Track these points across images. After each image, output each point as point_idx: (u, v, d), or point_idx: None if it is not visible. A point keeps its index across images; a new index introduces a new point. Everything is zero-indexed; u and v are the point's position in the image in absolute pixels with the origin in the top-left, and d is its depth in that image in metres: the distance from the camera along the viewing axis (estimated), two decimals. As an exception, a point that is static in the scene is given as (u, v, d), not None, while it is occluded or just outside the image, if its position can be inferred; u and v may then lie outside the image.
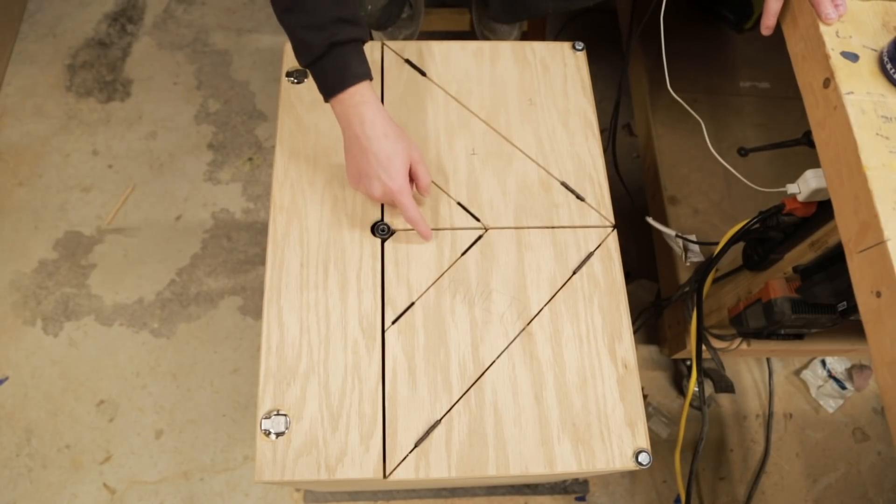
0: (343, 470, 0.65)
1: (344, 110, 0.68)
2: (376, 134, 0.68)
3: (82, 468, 1.15)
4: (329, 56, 0.66)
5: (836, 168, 0.62)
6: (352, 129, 0.69)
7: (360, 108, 0.68)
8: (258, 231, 1.36)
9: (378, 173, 0.69)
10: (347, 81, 0.66)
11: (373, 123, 0.68)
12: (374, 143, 0.68)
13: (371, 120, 0.68)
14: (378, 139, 0.68)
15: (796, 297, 0.83)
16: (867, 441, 1.23)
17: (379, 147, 0.68)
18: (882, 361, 0.55)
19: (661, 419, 1.22)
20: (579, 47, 0.91)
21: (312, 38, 0.65)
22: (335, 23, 0.65)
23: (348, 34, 0.66)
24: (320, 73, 0.67)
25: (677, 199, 1.17)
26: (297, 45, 0.67)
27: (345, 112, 0.69)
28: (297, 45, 0.67)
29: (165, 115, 1.48)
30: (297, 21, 0.66)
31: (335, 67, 0.66)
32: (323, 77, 0.68)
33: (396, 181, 0.70)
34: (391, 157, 0.69)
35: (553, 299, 0.74)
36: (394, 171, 0.69)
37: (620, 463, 0.67)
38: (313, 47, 0.65)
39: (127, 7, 1.62)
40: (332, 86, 0.67)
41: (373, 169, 0.69)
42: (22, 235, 1.33)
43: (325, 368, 0.69)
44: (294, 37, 0.67)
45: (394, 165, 0.69)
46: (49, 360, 1.23)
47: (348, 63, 0.66)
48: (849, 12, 0.66)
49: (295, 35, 0.67)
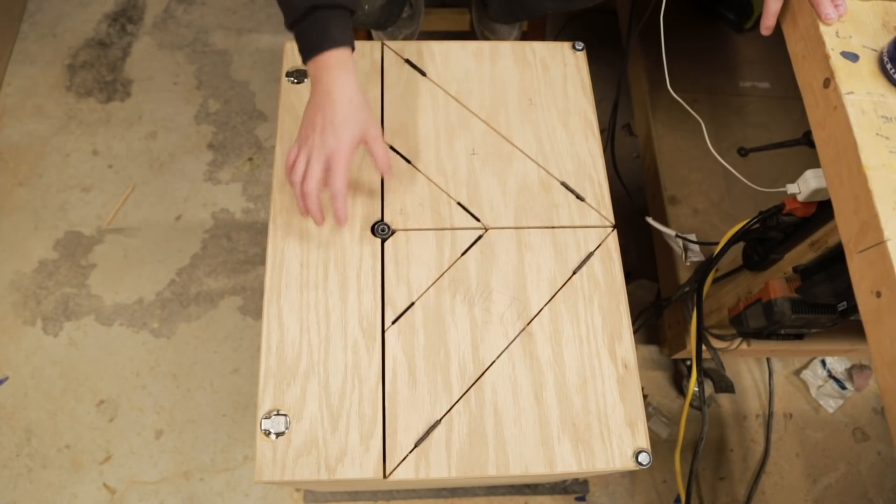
0: (343, 470, 0.65)
1: (317, 70, 0.68)
2: (340, 97, 0.67)
3: (82, 468, 1.15)
4: (309, 18, 0.66)
5: (836, 168, 0.62)
6: (318, 86, 0.68)
7: (333, 71, 0.67)
8: (258, 231, 1.36)
9: (324, 129, 0.67)
10: (325, 44, 0.66)
11: (340, 87, 0.67)
12: (335, 104, 0.67)
13: (340, 83, 0.67)
14: (340, 102, 0.67)
15: (796, 297, 0.83)
16: (867, 441, 1.23)
17: (338, 109, 0.67)
18: (882, 361, 0.55)
19: (661, 419, 1.22)
20: (579, 47, 0.91)
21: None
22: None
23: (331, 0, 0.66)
24: (300, 35, 0.68)
25: (677, 199, 1.17)
26: (283, 5, 0.68)
27: (317, 72, 0.68)
28: (283, 5, 0.68)
29: (165, 115, 1.48)
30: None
31: (315, 30, 0.67)
32: (302, 38, 0.68)
33: (340, 141, 0.67)
34: (346, 121, 0.67)
35: (553, 299, 0.74)
36: (340, 132, 0.67)
37: (620, 463, 0.67)
38: (295, 8, 0.66)
39: (127, 7, 1.62)
40: (310, 47, 0.67)
41: (321, 125, 0.67)
42: (22, 235, 1.33)
43: (325, 368, 0.69)
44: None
45: (344, 128, 0.67)
46: (49, 360, 1.23)
47: (328, 28, 0.66)
48: (849, 12, 0.66)
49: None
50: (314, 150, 0.68)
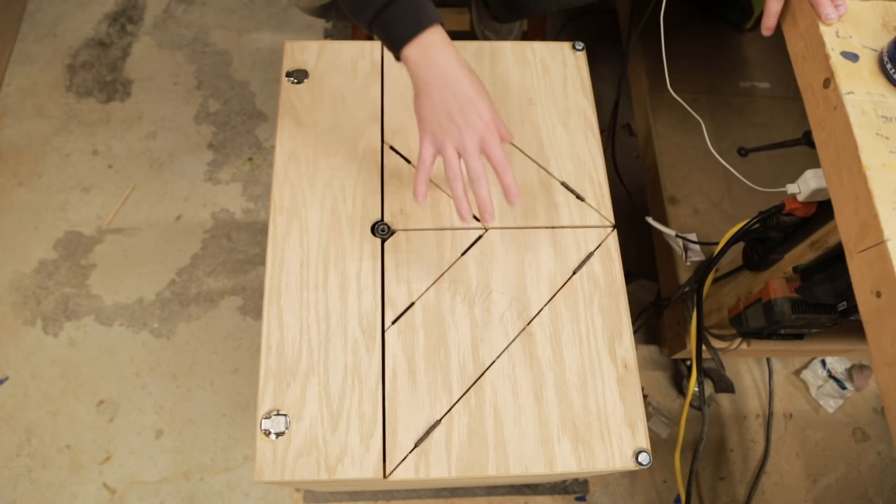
0: (343, 470, 0.65)
1: (423, 52, 0.64)
2: (462, 72, 0.64)
3: (82, 468, 1.15)
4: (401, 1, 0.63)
5: (836, 168, 0.62)
6: (433, 68, 0.64)
7: (442, 48, 0.64)
8: (258, 231, 1.36)
9: (464, 110, 0.64)
10: (425, 22, 0.63)
11: (456, 62, 0.64)
12: (461, 81, 0.64)
13: (454, 59, 0.64)
14: (464, 77, 0.64)
15: (796, 297, 0.83)
16: (867, 441, 1.23)
17: (467, 85, 0.64)
18: (882, 361, 0.55)
19: (661, 419, 1.22)
20: (579, 47, 0.91)
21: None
22: None
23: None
24: (392, 20, 0.64)
25: (677, 199, 1.17)
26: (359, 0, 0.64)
27: (424, 54, 0.64)
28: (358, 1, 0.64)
29: (165, 115, 1.48)
30: None
31: (409, 11, 0.63)
32: (395, 24, 0.64)
33: (484, 115, 0.64)
34: (480, 93, 0.65)
35: (553, 299, 0.74)
36: (481, 106, 0.64)
37: (620, 463, 0.67)
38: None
39: (127, 7, 1.62)
40: (409, 29, 0.63)
41: (457, 107, 0.64)
42: (22, 235, 1.33)
43: (325, 368, 0.69)
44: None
45: (481, 101, 0.64)
46: (49, 360, 1.23)
47: (422, 5, 0.64)
48: (849, 12, 0.66)
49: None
50: (464, 136, 0.64)
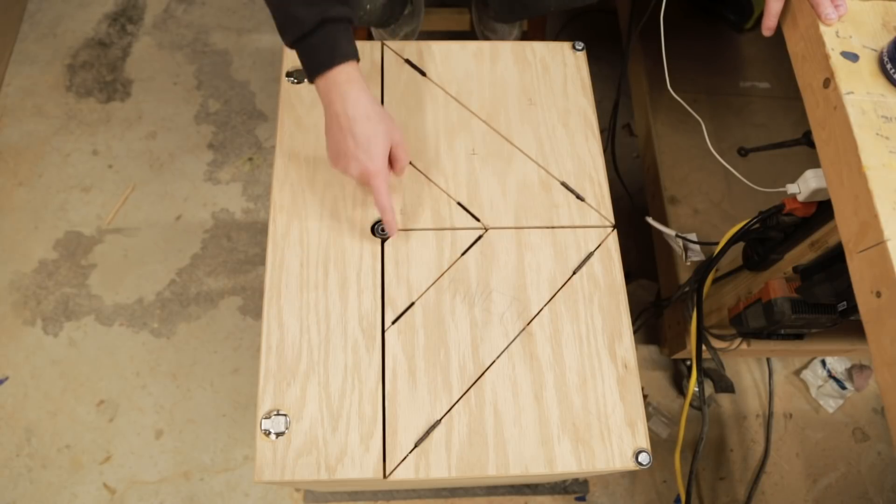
0: (343, 470, 0.65)
1: (327, 88, 0.67)
2: (358, 114, 0.67)
3: (82, 468, 1.15)
4: (319, 32, 0.65)
5: (836, 168, 0.62)
6: (333, 107, 0.68)
7: (344, 87, 0.67)
8: (258, 231, 1.36)
9: (356, 154, 0.69)
10: (336, 59, 0.66)
11: (356, 103, 0.67)
12: (355, 123, 0.67)
13: (354, 100, 0.67)
14: (359, 120, 0.67)
15: (796, 297, 0.83)
16: (867, 441, 1.23)
17: (360, 128, 0.68)
18: (882, 361, 0.55)
19: (661, 419, 1.22)
20: (579, 47, 0.91)
21: (303, 13, 0.64)
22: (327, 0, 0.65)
23: (339, 12, 0.66)
24: (308, 51, 0.67)
25: (677, 199, 1.17)
26: (286, 20, 0.66)
27: (328, 90, 0.68)
28: (285, 20, 0.66)
29: (165, 115, 1.48)
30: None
31: (324, 44, 0.66)
32: (311, 54, 0.67)
33: (374, 163, 0.69)
34: (371, 139, 0.68)
35: (553, 299, 0.74)
36: (373, 153, 0.68)
37: (620, 463, 0.67)
38: (304, 23, 0.65)
39: (127, 7, 1.62)
40: (319, 63, 0.66)
41: (351, 149, 0.69)
42: (22, 235, 1.33)
43: (325, 368, 0.69)
44: (283, 12, 0.66)
45: (373, 147, 0.68)
46: (49, 360, 1.23)
47: (338, 41, 0.66)
48: (849, 12, 0.66)
49: (285, 10, 0.66)
50: (350, 172, 0.70)
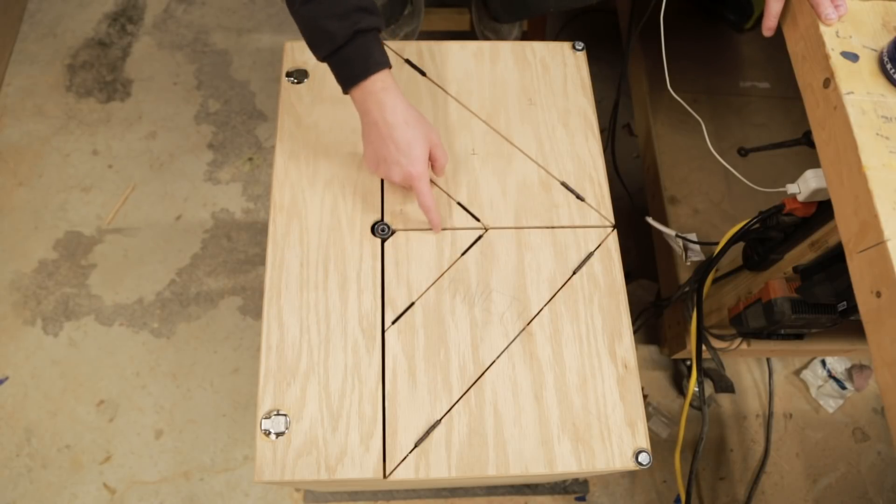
0: (343, 470, 0.65)
1: (364, 98, 0.69)
2: (397, 121, 0.69)
3: (82, 468, 1.15)
4: (352, 44, 0.66)
5: (836, 168, 0.62)
6: (371, 115, 0.69)
7: (381, 95, 0.68)
8: (258, 231, 1.36)
9: (398, 159, 0.70)
10: (371, 69, 0.67)
11: (393, 110, 0.68)
12: (394, 129, 0.69)
13: (392, 107, 0.68)
14: (399, 126, 0.69)
15: (796, 297, 0.83)
16: (867, 441, 1.23)
17: (400, 134, 0.69)
18: (882, 361, 0.55)
19: (661, 419, 1.22)
20: (579, 47, 0.91)
21: (335, 27, 0.65)
22: (357, 11, 0.65)
23: (370, 22, 0.66)
24: (343, 63, 0.67)
25: (677, 199, 1.17)
26: (317, 35, 0.67)
27: (364, 99, 0.69)
28: (316, 35, 0.67)
29: (165, 115, 1.48)
30: (317, 11, 0.65)
31: (359, 56, 0.66)
32: (345, 66, 0.67)
33: (416, 167, 0.70)
34: (411, 144, 0.70)
35: (553, 299, 0.74)
36: (414, 157, 0.70)
37: (620, 463, 0.67)
38: (336, 36, 0.65)
39: (127, 7, 1.61)
40: (355, 74, 0.67)
41: (392, 155, 0.70)
42: (22, 235, 1.33)
43: (325, 368, 0.69)
44: (313, 27, 0.67)
45: (413, 151, 0.70)
46: (49, 360, 1.23)
47: (371, 51, 0.67)
48: (849, 12, 0.66)
49: (315, 25, 0.66)
50: (392, 177, 0.72)
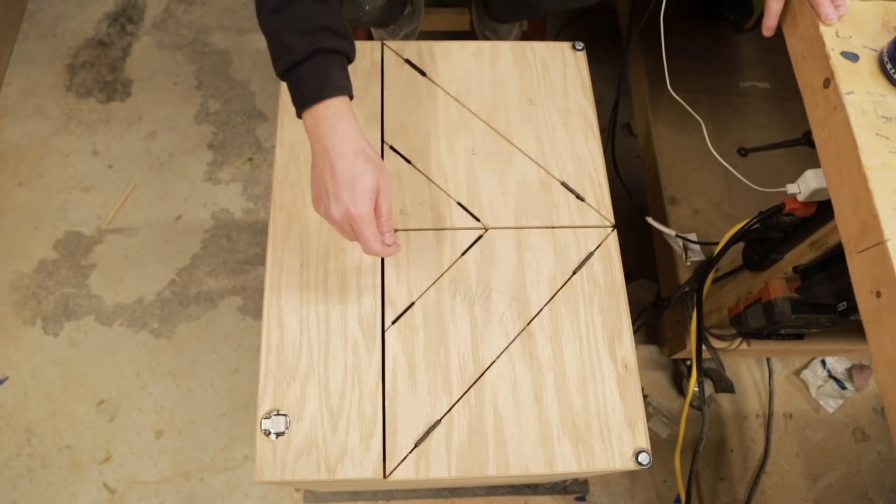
0: (343, 470, 0.65)
1: (316, 122, 0.62)
2: (346, 151, 0.61)
3: (82, 468, 1.15)
4: (310, 62, 0.61)
5: (836, 168, 0.62)
6: (321, 142, 0.62)
7: (333, 121, 0.61)
8: (258, 231, 1.36)
9: (339, 194, 0.61)
10: (326, 92, 0.61)
11: (344, 139, 0.61)
12: (341, 160, 0.61)
13: (343, 135, 0.61)
14: (347, 156, 0.61)
15: (796, 297, 0.83)
16: (867, 441, 1.23)
17: (346, 165, 0.61)
18: (882, 361, 0.55)
19: (661, 419, 1.22)
20: (579, 47, 0.91)
21: (295, 41, 0.61)
22: (322, 30, 0.61)
23: (334, 44, 0.62)
24: (297, 81, 0.62)
25: (677, 199, 1.17)
26: (278, 48, 0.62)
27: (316, 124, 0.62)
28: (277, 48, 0.62)
29: (165, 115, 1.48)
30: (281, 23, 0.61)
31: (315, 75, 0.61)
32: (300, 85, 0.62)
33: (359, 206, 0.61)
34: (357, 178, 0.60)
35: (553, 299, 0.74)
36: (358, 195, 0.60)
37: (620, 463, 0.67)
38: (295, 51, 0.61)
39: (127, 7, 1.61)
40: (310, 95, 0.61)
41: (334, 188, 0.61)
42: (22, 235, 1.33)
43: (325, 368, 0.69)
44: (275, 39, 0.62)
45: (359, 188, 0.60)
46: (49, 360, 1.22)
47: (329, 73, 0.61)
48: (849, 12, 0.66)
49: (277, 38, 0.62)
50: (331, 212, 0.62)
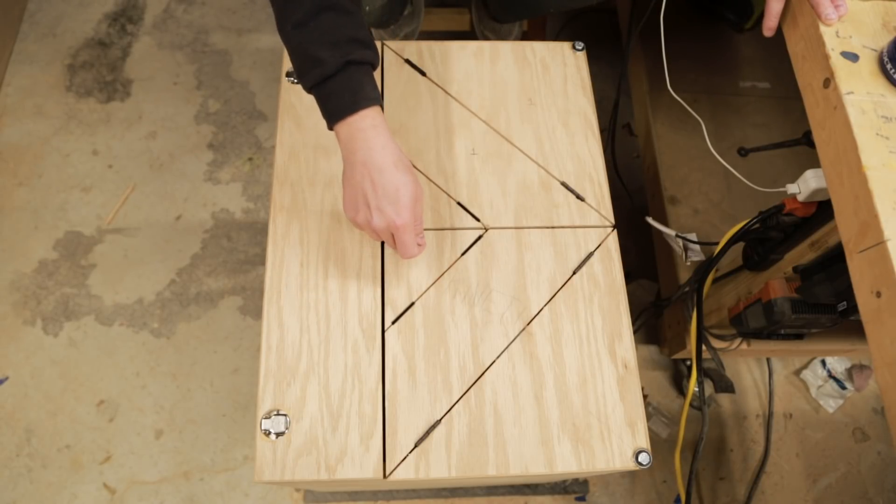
0: (343, 470, 0.65)
1: (350, 134, 0.62)
2: (386, 162, 0.62)
3: (82, 468, 1.15)
4: (343, 75, 0.61)
5: (836, 168, 0.62)
6: (357, 154, 0.63)
7: (369, 133, 0.62)
8: (258, 231, 1.36)
9: (383, 206, 0.63)
10: (360, 103, 0.61)
11: (383, 150, 0.62)
12: (383, 172, 0.62)
13: (382, 146, 0.62)
14: (388, 169, 0.62)
15: (796, 297, 0.83)
16: (867, 441, 1.23)
17: (389, 177, 0.62)
18: (882, 361, 0.55)
19: (661, 419, 1.22)
20: (579, 47, 0.91)
21: (326, 55, 0.60)
22: (351, 42, 0.61)
23: (364, 55, 0.62)
24: (330, 94, 0.62)
25: (677, 199, 1.17)
26: (306, 62, 0.62)
27: (352, 136, 0.62)
28: (305, 62, 0.62)
29: (165, 115, 1.48)
30: (309, 37, 0.61)
31: (348, 88, 0.61)
32: (333, 98, 0.62)
33: (403, 216, 0.63)
34: (400, 189, 0.62)
35: (553, 299, 0.74)
36: (402, 206, 0.63)
37: (620, 463, 0.67)
38: (326, 65, 0.60)
39: (127, 7, 1.61)
40: (343, 107, 0.61)
41: (377, 200, 0.63)
42: (22, 235, 1.33)
43: (325, 368, 0.69)
44: (303, 54, 0.62)
45: (402, 199, 0.63)
46: (49, 360, 1.22)
47: (362, 85, 0.62)
48: (849, 12, 0.66)
49: (305, 52, 0.61)
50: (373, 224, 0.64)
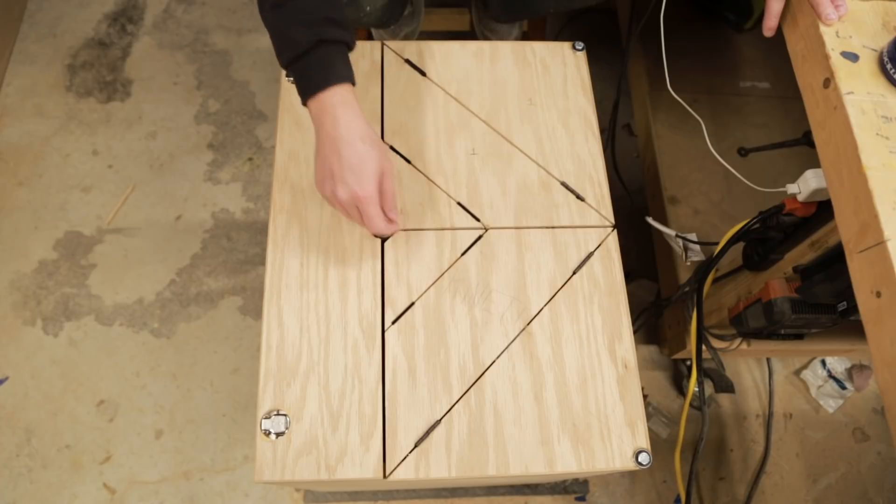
0: (343, 470, 0.65)
1: (320, 110, 0.65)
2: (351, 136, 0.65)
3: (82, 468, 1.15)
4: (315, 53, 0.64)
5: (836, 168, 0.62)
6: (325, 128, 0.65)
7: (338, 109, 0.65)
8: (258, 231, 1.36)
9: (346, 176, 0.65)
10: (330, 80, 0.64)
11: (349, 125, 0.65)
12: (347, 145, 0.65)
13: (348, 121, 0.65)
14: (352, 141, 0.65)
15: (796, 297, 0.83)
16: (867, 441, 1.23)
17: (352, 150, 0.65)
18: (882, 361, 0.55)
19: (661, 419, 1.22)
20: (579, 47, 0.91)
21: (300, 34, 0.63)
22: (325, 21, 0.64)
23: (336, 34, 0.65)
24: (302, 71, 0.65)
25: (677, 199, 1.17)
26: (282, 41, 0.65)
27: (322, 111, 0.65)
28: (281, 42, 0.65)
29: (165, 115, 1.48)
30: (285, 17, 0.64)
31: (320, 65, 0.64)
32: (305, 75, 0.65)
33: (365, 187, 0.65)
34: (364, 161, 0.65)
35: (553, 299, 0.74)
36: (364, 177, 0.65)
37: (620, 463, 0.67)
38: (299, 43, 0.64)
39: (127, 7, 1.61)
40: (314, 83, 0.64)
41: (341, 171, 0.65)
42: (22, 235, 1.33)
43: (325, 368, 0.69)
44: (279, 33, 0.65)
45: (365, 170, 0.65)
46: (49, 360, 1.22)
47: (333, 62, 0.65)
48: (849, 12, 0.66)
49: (280, 31, 0.65)
50: (338, 195, 0.66)
